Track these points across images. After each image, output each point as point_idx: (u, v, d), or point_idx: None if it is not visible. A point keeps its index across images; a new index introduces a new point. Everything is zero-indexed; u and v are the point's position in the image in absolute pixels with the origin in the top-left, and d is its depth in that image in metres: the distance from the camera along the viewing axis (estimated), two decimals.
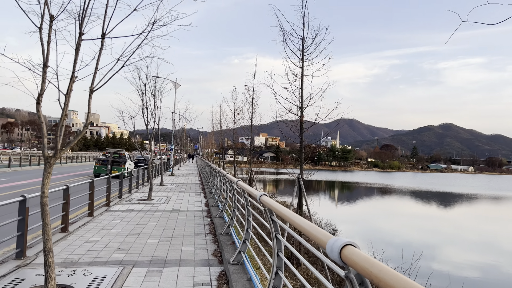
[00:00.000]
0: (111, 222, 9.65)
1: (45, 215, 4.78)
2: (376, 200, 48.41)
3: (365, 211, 37.04)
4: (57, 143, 4.82)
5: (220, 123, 36.23)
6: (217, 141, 62.20)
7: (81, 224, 9.23)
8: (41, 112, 4.82)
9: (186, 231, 8.70)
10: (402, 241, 22.45)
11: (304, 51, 11.72)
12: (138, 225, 9.28)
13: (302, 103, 11.72)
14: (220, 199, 12.13)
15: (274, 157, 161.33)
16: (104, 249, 6.93)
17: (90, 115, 5.30)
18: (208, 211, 11.96)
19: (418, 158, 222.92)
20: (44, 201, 4.79)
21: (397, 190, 61.47)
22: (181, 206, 12.87)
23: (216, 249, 7.10)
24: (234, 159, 29.71)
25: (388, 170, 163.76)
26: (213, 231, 8.73)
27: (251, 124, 21.10)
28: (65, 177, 27.10)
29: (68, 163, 49.61)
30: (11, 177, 25.37)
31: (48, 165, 4.82)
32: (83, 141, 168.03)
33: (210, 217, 10.71)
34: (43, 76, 4.86)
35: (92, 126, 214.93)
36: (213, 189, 16.82)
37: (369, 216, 33.26)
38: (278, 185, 64.53)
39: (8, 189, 18.17)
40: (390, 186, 68.78)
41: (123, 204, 13.17)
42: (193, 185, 22.23)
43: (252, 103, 20.61)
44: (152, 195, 15.27)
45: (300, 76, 11.78)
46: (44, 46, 4.89)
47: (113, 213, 11.07)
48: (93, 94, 5.14)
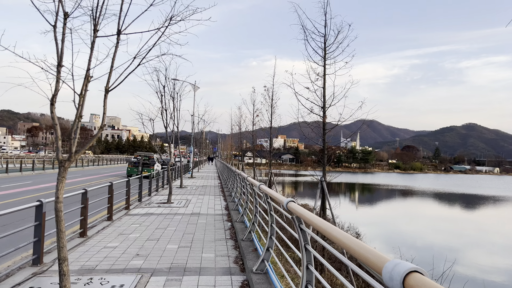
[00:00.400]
0: (130, 226, 9.46)
1: (60, 221, 4.55)
2: (398, 202, 47.31)
3: (387, 213, 36.19)
4: (71, 146, 4.59)
5: (239, 125, 36.05)
6: (236, 143, 62.21)
7: (100, 229, 9.07)
8: (55, 113, 4.61)
9: (206, 236, 8.41)
10: (427, 244, 21.75)
11: (326, 49, 11.34)
12: (158, 230, 9.05)
13: (324, 103, 11.33)
14: (241, 203, 11.83)
15: (293, 159, 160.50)
16: (122, 255, 6.70)
17: (112, 119, 5.12)
18: (228, 214, 11.66)
19: (440, 159, 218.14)
20: (59, 206, 4.56)
21: (419, 192, 60.03)
22: (201, 210, 12.62)
23: (238, 256, 6.78)
24: (253, 161, 29.41)
25: (410, 172, 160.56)
26: (234, 236, 8.42)
27: (271, 125, 20.77)
28: (99, 177, 27.33)
29: (89, 166, 50.28)
30: (34, 180, 25.73)
31: (63, 169, 4.59)
32: (105, 144, 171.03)
33: (231, 221, 10.41)
34: (57, 76, 4.65)
35: (114, 129, 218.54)
36: (233, 192, 16.55)
37: (391, 219, 32.45)
38: (298, 187, 63.92)
39: (30, 192, 18.34)
40: (412, 188, 67.26)
41: (143, 207, 13.02)
42: (212, 187, 22.02)
43: (271, 104, 20.29)
44: (172, 198, 15.10)
45: (322, 75, 11.39)
46: (58, 45, 4.69)
47: (132, 217, 10.90)
48: (108, 94, 4.90)
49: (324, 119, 11.26)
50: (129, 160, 39.64)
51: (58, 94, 4.93)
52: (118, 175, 33.09)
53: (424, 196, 54.34)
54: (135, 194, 14.93)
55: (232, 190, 16.97)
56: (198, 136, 57.41)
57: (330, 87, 11.40)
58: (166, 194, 16.97)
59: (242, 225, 9.24)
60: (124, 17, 4.73)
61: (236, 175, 13.91)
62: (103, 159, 63.26)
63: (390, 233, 24.81)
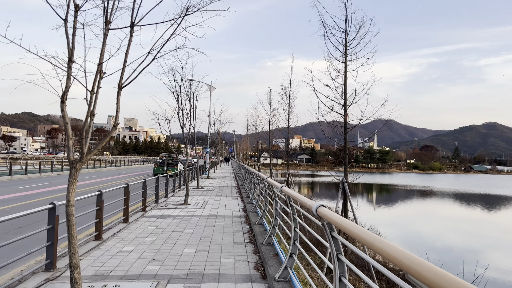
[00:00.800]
0: (146, 229, 9.22)
1: (71, 226, 4.29)
2: (417, 203, 46.26)
3: (406, 214, 35.35)
4: (82, 147, 4.33)
5: (255, 125, 35.73)
6: (252, 144, 61.92)
7: (116, 231, 8.85)
8: (65, 111, 4.35)
9: (225, 240, 8.10)
10: (447, 245, 21.10)
11: (347, 45, 10.91)
12: (174, 233, 8.78)
13: (345, 101, 10.90)
14: (259, 204, 11.49)
15: (309, 159, 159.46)
16: (138, 260, 6.43)
17: (129, 120, 4.84)
18: (246, 216, 11.34)
19: (460, 159, 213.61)
20: (70, 210, 4.30)
21: (439, 192, 58.65)
22: (218, 211, 12.33)
23: (258, 262, 6.44)
24: (270, 161, 29.02)
25: (429, 172, 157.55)
26: (253, 240, 8.08)
27: (288, 125, 20.38)
28: (117, 178, 27.41)
29: (107, 167, 50.69)
30: (52, 181, 25.91)
31: (74, 171, 4.33)
32: (122, 145, 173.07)
33: (249, 223, 10.08)
34: (68, 72, 4.39)
35: (131, 131, 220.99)
36: (250, 193, 16.23)
37: (410, 220, 31.65)
38: (314, 188, 63.25)
39: (48, 193, 18.38)
40: (432, 189, 65.79)
41: (159, 209, 12.81)
42: (229, 188, 21.75)
43: (289, 104, 19.90)
44: (189, 199, 14.87)
45: (343, 72, 10.97)
46: (69, 39, 4.43)
47: (149, 219, 10.67)
48: (123, 92, 4.62)
49: (346, 118, 10.84)
50: (155, 160, 43.04)
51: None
52: (136, 176, 33.16)
53: (444, 196, 53.05)
54: (152, 195, 14.75)
55: (250, 191, 16.65)
56: (214, 137, 57.37)
57: (352, 84, 10.98)
58: (182, 195, 16.77)
59: (261, 228, 8.90)
60: (137, 8, 4.44)
61: (254, 176, 13.58)
62: (120, 160, 63.78)
63: (409, 234, 24.15)
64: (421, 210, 38.91)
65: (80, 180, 27.52)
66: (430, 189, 64.30)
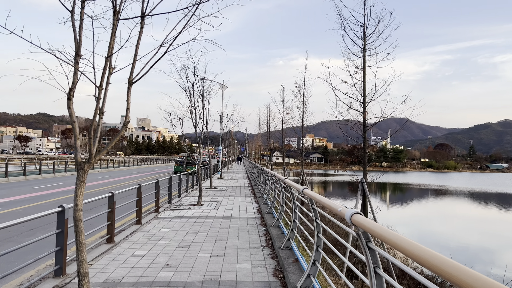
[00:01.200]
0: (159, 231, 8.95)
1: (79, 232, 4.00)
2: (432, 201, 45.34)
3: (421, 213, 34.62)
4: (91, 147, 4.03)
5: (268, 124, 35.35)
6: (264, 143, 61.57)
7: (128, 234, 8.59)
8: (72, 109, 4.05)
9: (241, 243, 7.77)
10: (462, 245, 20.53)
11: (365, 39, 10.48)
12: (188, 235, 8.48)
13: (364, 98, 10.47)
14: (274, 206, 11.14)
15: (321, 158, 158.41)
16: (151, 265, 6.14)
17: (142, 120, 4.54)
18: (262, 218, 10.99)
19: (476, 157, 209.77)
20: (78, 215, 4.00)
21: (454, 191, 57.49)
22: (233, 213, 12.01)
23: (277, 268, 6.08)
24: (283, 161, 28.64)
25: (444, 171, 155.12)
26: (270, 244, 7.73)
27: (302, 124, 19.98)
28: (139, 176, 27.36)
29: (120, 167, 50.87)
30: (65, 181, 25.94)
31: (82, 172, 4.03)
32: (135, 145, 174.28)
33: (265, 226, 9.73)
34: (75, 67, 4.10)
35: (144, 130, 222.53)
36: (265, 193, 15.88)
37: (425, 219, 30.96)
38: (327, 187, 62.62)
39: (61, 194, 18.31)
40: (447, 187, 64.56)
41: (173, 210, 12.55)
42: (242, 188, 21.44)
43: (303, 102, 19.50)
44: (202, 200, 14.60)
45: (362, 68, 10.54)
46: (76, 32, 4.14)
47: (162, 221, 10.40)
48: (133, 88, 4.31)
49: (365, 115, 10.41)
50: (175, 159, 46.65)
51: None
52: (149, 176, 33.11)
53: (459, 195, 51.99)
54: (165, 196, 14.51)
55: (264, 191, 16.31)
56: (227, 136, 57.16)
57: (371, 81, 10.54)
58: (195, 195, 16.51)
59: (278, 230, 8.54)
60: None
61: (269, 176, 13.23)
62: (133, 160, 64.04)
63: (424, 234, 23.56)
64: (436, 209, 38.14)
65: (93, 180, 27.53)
66: (445, 188, 63.12)
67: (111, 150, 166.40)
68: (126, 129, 4.02)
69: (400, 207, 39.37)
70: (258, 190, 19.28)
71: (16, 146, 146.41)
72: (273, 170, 30.24)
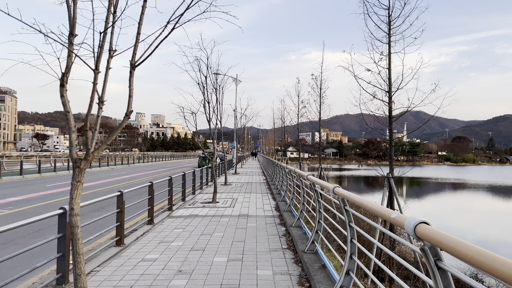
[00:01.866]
0: (172, 231, 8.40)
1: (76, 240, 3.44)
2: (450, 195, 44.05)
3: (439, 207, 33.52)
4: (87, 142, 3.46)
5: (282, 118, 34.66)
6: (278, 138, 60.89)
7: (139, 235, 8.07)
8: (66, 97, 3.48)
9: (259, 245, 7.16)
10: (483, 239, 19.75)
11: (391, 23, 9.70)
12: (203, 236, 7.91)
13: (390, 86, 9.72)
14: (294, 204, 10.49)
15: (336, 153, 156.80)
16: (162, 271, 5.58)
17: (156, 117, 3.98)
18: (280, 216, 10.37)
19: (495, 150, 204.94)
20: (74, 221, 3.44)
21: (473, 185, 55.88)
22: (249, 211, 11.42)
23: (302, 275, 5.45)
24: (299, 156, 27.98)
25: (462, 164, 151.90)
26: (292, 246, 7.10)
27: (320, 117, 19.27)
28: (153, 172, 27.07)
29: (135, 164, 50.82)
30: None
31: (78, 171, 3.46)
32: (150, 141, 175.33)
33: (284, 225, 9.11)
34: (69, 49, 3.52)
35: (158, 127, 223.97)
36: (282, 190, 15.25)
37: (443, 213, 29.90)
38: (342, 182, 61.61)
39: None
40: (465, 181, 62.85)
41: (187, 208, 12.02)
42: (258, 184, 20.84)
43: (320, 94, 18.76)
44: (217, 197, 14.06)
45: (387, 54, 9.78)
46: (70, 7, 3.55)
47: (175, 220, 9.87)
48: (135, 71, 3.71)
49: (391, 105, 9.67)
50: (199, 155, 52.16)
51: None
52: (164, 172, 32.80)
53: (478, 189, 50.52)
54: (178, 193, 14.01)
55: (281, 188, 15.67)
56: (240, 132, 56.65)
57: (396, 68, 9.77)
58: (210, 192, 15.97)
59: (299, 231, 7.89)
60: None
61: (286, 172, 12.57)
62: (148, 156, 64.08)
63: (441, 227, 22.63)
64: (453, 203, 37.07)
65: (107, 177, 27.29)
66: (464, 182, 61.46)
67: (127, 147, 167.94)
68: (128, 119, 3.40)
69: (417, 201, 38.28)
70: (274, 186, 18.67)
71: (34, 144, 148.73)
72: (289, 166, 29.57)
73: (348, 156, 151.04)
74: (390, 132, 9.91)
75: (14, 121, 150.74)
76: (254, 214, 10.74)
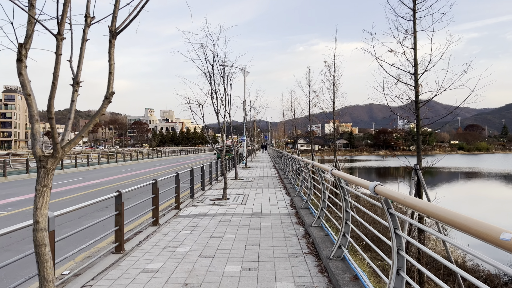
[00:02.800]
0: (179, 234, 7.60)
1: (42, 264, 2.62)
2: (466, 184, 42.72)
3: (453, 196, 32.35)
4: (53, 134, 2.63)
5: (293, 109, 33.68)
6: (288, 130, 59.87)
7: (142, 238, 7.28)
8: (25, 76, 2.64)
9: (277, 249, 6.31)
10: None
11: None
12: (212, 239, 7.09)
13: (416, 68, 8.75)
14: (311, 199, 9.62)
15: (347, 144, 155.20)
16: (166, 286, 4.77)
17: (166, 112, 3.21)
18: (297, 214, 9.51)
19: (509, 137, 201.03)
20: (39, 238, 2.62)
21: (488, 173, 54.34)
22: (262, 208, 10.58)
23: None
24: (311, 148, 27.03)
25: (475, 153, 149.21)
26: (314, 250, 6.24)
27: (334, 106, 18.29)
28: (162, 168, 26.41)
29: (144, 159, 50.32)
30: (86, 175, 25.17)
31: (43, 173, 2.64)
32: (160, 137, 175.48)
33: (303, 224, 8.25)
34: (29, 14, 2.67)
35: (168, 122, 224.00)
36: (296, 184, 14.39)
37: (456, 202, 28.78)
38: (353, 173, 60.45)
39: (79, 189, 17.34)
40: (481, 170, 61.19)
41: (195, 205, 11.23)
42: (270, 178, 20.00)
43: (333, 82, 17.77)
44: (227, 193, 13.26)
45: (412, 32, 8.79)
46: None
47: (182, 220, 9.08)
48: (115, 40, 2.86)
49: (417, 89, 8.70)
50: (217, 147, 56.56)
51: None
52: (173, 168, 32.12)
53: (492, 177, 49.13)
54: (187, 189, 13.25)
55: (295, 182, 14.80)
56: (250, 125, 55.75)
57: (423, 48, 8.80)
58: (220, 187, 15.18)
59: (320, 231, 7.02)
60: None
61: (302, 165, 11.69)
62: (158, 151, 63.62)
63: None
64: (468, 191, 35.92)
65: (115, 173, 26.68)
66: (479, 171, 59.81)
67: (137, 142, 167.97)
68: (109, 103, 2.52)
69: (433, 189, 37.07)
70: (287, 180, 17.80)
71: (45, 142, 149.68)
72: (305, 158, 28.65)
73: (359, 147, 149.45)
74: (417, 119, 8.96)
75: (25, 119, 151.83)
76: (268, 212, 9.89)
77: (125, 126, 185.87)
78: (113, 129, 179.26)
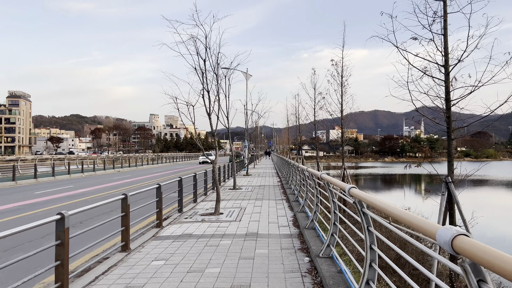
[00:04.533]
0: (149, 266, 5.96)
1: None
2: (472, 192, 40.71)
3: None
4: None
5: (297, 114, 32.00)
6: (292, 136, 58.27)
7: (99, 273, 5.64)
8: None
9: None
10: (502, 236, 17.47)
11: None
12: (189, 276, 5.44)
13: (447, 58, 7.11)
14: (318, 218, 7.96)
15: (352, 150, 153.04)
16: None
17: (170, 118, 2.42)
18: (300, 236, 7.84)
19: None
20: None
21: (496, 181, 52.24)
22: (259, 226, 8.91)
23: None
24: (317, 154, 25.36)
25: (483, 160, 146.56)
26: None
27: (342, 109, 16.66)
28: (158, 176, 24.82)
29: (144, 166, 48.79)
30: (91, 181, 23.61)
31: None
32: (163, 142, 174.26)
33: (307, 252, 6.58)
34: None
35: (172, 128, 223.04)
36: (300, 196, 12.74)
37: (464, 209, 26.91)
38: (358, 181, 58.49)
39: (79, 195, 15.73)
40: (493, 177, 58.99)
41: (182, 222, 9.60)
42: (271, 188, 18.34)
43: (341, 83, 16.14)
44: (221, 206, 11.65)
45: (441, 15, 7.16)
46: None
47: (161, 243, 7.45)
48: None
49: (448, 84, 7.06)
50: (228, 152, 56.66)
51: None
52: (171, 175, 30.50)
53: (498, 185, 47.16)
54: (175, 202, 11.61)
55: (299, 193, 13.15)
56: (252, 131, 54.08)
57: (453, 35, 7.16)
58: (215, 199, 13.54)
59: (331, 266, 5.34)
60: None
61: (306, 176, 10.03)
62: (161, 157, 62.11)
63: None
64: (472, 199, 34.13)
65: (108, 181, 25.11)
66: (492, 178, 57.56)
67: (140, 148, 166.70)
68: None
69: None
70: (290, 191, 16.15)
71: (48, 147, 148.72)
72: (304, 165, 27.03)
73: (364, 154, 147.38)
74: (448, 119, 7.32)
75: (29, 124, 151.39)
76: (265, 233, 8.23)
77: (129, 132, 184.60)
78: (117, 134, 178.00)
